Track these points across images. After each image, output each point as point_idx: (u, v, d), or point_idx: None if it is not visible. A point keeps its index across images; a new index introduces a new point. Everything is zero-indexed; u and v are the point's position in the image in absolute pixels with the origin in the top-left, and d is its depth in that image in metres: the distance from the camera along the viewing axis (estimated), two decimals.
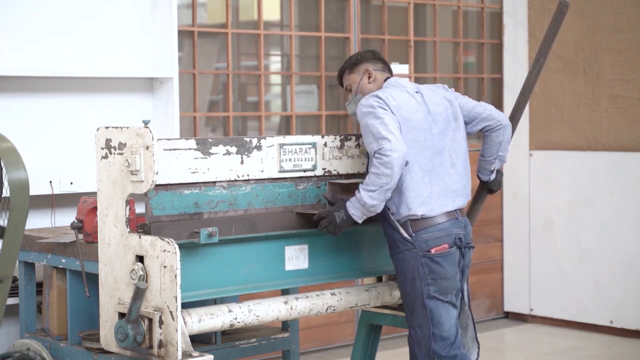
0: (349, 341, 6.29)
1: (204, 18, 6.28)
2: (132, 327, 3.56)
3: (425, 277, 4.02)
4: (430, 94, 4.17)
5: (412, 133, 4.03)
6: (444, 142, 4.13)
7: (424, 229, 4.03)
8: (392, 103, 4.01)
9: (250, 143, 3.96)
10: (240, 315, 3.90)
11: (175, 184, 3.76)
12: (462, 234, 4.12)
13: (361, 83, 4.23)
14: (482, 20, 7.27)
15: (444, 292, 4.05)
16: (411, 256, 4.03)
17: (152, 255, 3.57)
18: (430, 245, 4.02)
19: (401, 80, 4.21)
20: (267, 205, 4.04)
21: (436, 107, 4.14)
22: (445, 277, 4.04)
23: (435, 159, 4.08)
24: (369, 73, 4.22)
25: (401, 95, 4.08)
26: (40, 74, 5.00)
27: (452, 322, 4.09)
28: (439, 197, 4.07)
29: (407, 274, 4.05)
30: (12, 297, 4.75)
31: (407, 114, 4.03)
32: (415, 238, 4.02)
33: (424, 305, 4.04)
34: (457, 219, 4.11)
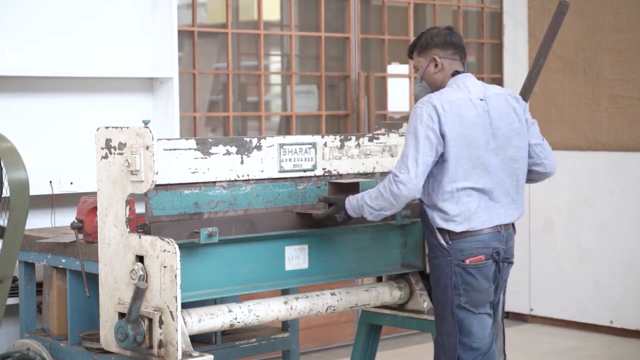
0: (349, 341, 6.29)
1: (204, 18, 6.28)
2: (132, 327, 3.56)
3: (457, 286, 3.91)
4: (497, 103, 3.97)
5: (465, 149, 3.87)
6: (500, 157, 3.95)
7: (461, 238, 3.90)
8: (448, 118, 3.84)
9: (250, 143, 3.96)
10: (240, 315, 3.90)
11: (175, 184, 3.76)
12: (502, 248, 3.96)
13: (427, 70, 4.04)
14: (482, 20, 7.27)
15: (475, 304, 3.94)
16: (445, 264, 3.92)
17: (152, 255, 3.57)
18: (465, 255, 3.90)
19: (469, 82, 3.98)
20: (267, 205, 4.03)
21: (500, 120, 3.96)
22: (477, 289, 3.92)
23: (487, 176, 3.92)
24: (436, 62, 4.01)
25: (462, 105, 3.89)
26: (40, 74, 5.00)
27: (485, 333, 3.97)
28: (484, 212, 3.92)
29: (439, 281, 3.96)
30: (12, 297, 4.75)
31: (462, 129, 3.86)
32: (452, 246, 3.90)
33: (453, 315, 3.94)
34: (499, 233, 3.96)
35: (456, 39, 4.05)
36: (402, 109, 6.85)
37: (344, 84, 6.57)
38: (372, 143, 4.32)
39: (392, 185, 3.82)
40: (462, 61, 4.06)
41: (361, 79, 6.49)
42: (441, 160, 3.88)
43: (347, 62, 6.55)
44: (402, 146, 4.36)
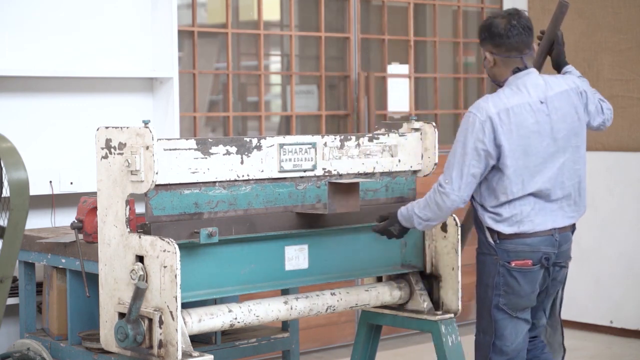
0: (349, 341, 6.29)
1: (204, 18, 6.28)
2: (132, 327, 3.56)
3: (498, 287, 3.88)
4: (558, 105, 3.87)
5: (523, 159, 3.80)
6: (560, 160, 3.88)
7: (509, 239, 3.85)
8: (504, 128, 3.75)
9: (250, 143, 3.96)
10: (240, 315, 3.90)
11: (175, 184, 3.76)
12: (553, 252, 3.89)
13: (485, 62, 3.93)
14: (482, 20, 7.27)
15: (513, 307, 3.89)
16: (491, 262, 3.89)
17: (152, 255, 3.57)
18: (512, 257, 3.84)
19: (529, 82, 3.84)
20: (267, 205, 4.03)
21: (561, 122, 3.87)
22: (518, 293, 3.87)
23: (544, 180, 3.85)
24: (489, 59, 3.89)
25: (520, 113, 3.79)
26: (40, 74, 5.00)
27: (518, 339, 3.94)
28: (538, 216, 3.86)
29: (482, 278, 3.94)
30: (12, 297, 4.75)
31: (520, 139, 3.78)
32: (499, 245, 3.87)
33: (490, 314, 3.91)
34: (552, 236, 3.88)
35: (512, 36, 3.82)
36: (402, 109, 6.85)
37: (344, 84, 6.57)
38: (372, 143, 4.32)
39: (436, 196, 3.82)
40: (521, 56, 3.85)
41: (361, 79, 6.49)
42: (496, 170, 3.81)
43: (347, 62, 6.55)
44: (402, 146, 4.37)
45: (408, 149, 4.41)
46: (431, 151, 4.44)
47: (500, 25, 3.83)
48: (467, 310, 7.13)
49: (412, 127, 4.46)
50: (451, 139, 7.12)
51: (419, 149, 4.45)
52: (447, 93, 7.21)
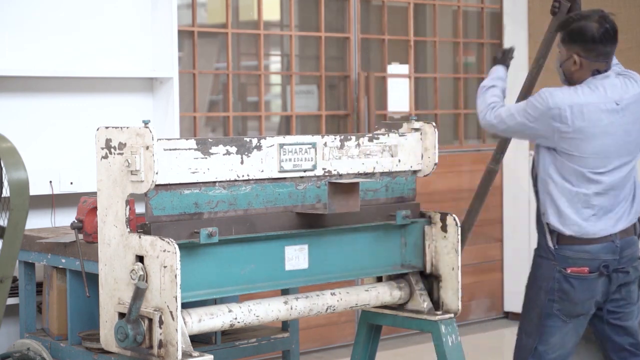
0: (349, 341, 6.29)
1: (204, 18, 6.28)
2: (132, 327, 3.56)
3: (552, 292, 3.86)
4: (634, 109, 3.87)
5: (592, 159, 3.81)
6: (627, 162, 3.88)
7: (568, 245, 3.84)
8: (577, 124, 3.77)
9: (250, 143, 3.96)
10: (240, 315, 3.90)
11: (175, 184, 3.76)
12: (614, 259, 3.86)
13: (566, 64, 3.92)
14: (482, 20, 7.27)
15: (567, 313, 3.87)
16: (547, 266, 3.88)
17: (152, 255, 3.57)
18: (569, 264, 3.83)
19: (607, 83, 3.85)
20: (267, 206, 4.03)
21: (632, 125, 3.87)
22: (572, 300, 3.85)
23: (608, 181, 3.85)
24: (575, 60, 3.88)
25: (594, 111, 3.80)
26: (40, 74, 5.00)
27: (562, 349, 3.91)
28: (600, 221, 3.85)
29: (536, 280, 3.91)
30: (12, 297, 4.75)
31: (593, 141, 3.80)
32: (558, 250, 3.86)
33: (540, 318, 3.89)
34: (613, 243, 3.86)
35: (605, 41, 3.83)
36: (402, 109, 6.85)
37: (344, 84, 6.57)
38: (372, 143, 4.32)
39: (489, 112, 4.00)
40: (606, 60, 3.87)
41: (361, 79, 6.49)
42: (564, 160, 3.85)
43: (347, 62, 6.55)
44: (402, 146, 4.38)
45: (408, 149, 4.40)
46: (431, 151, 4.44)
47: (593, 30, 3.82)
48: (467, 310, 7.13)
49: (412, 127, 4.46)
50: (451, 139, 7.15)
51: (419, 149, 4.45)
52: (447, 93, 7.21)
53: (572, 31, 3.88)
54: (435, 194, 6.82)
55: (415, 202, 4.46)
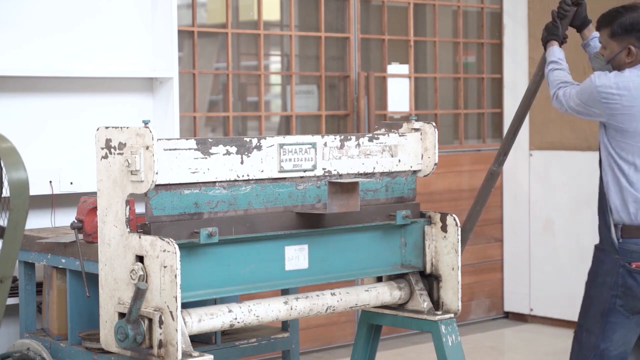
0: (349, 341, 6.29)
1: (204, 18, 6.28)
2: (132, 327, 3.56)
3: (616, 287, 3.83)
4: None
5: None
6: None
7: (633, 238, 3.82)
8: (624, 102, 3.80)
9: (250, 143, 3.96)
10: (240, 315, 3.90)
11: (175, 184, 3.76)
12: None
13: (618, 57, 3.92)
14: (482, 20, 7.27)
15: (631, 310, 3.83)
16: (610, 260, 3.86)
17: (152, 255, 3.57)
18: (634, 258, 3.80)
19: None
20: (267, 206, 4.03)
21: None
22: (637, 296, 3.81)
23: None
24: (630, 51, 3.89)
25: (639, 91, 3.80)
26: (40, 73, 5.00)
27: (624, 346, 3.86)
28: None
29: (598, 276, 3.88)
30: (12, 297, 4.75)
31: (637, 120, 3.80)
32: (622, 244, 3.84)
33: (603, 314, 3.85)
34: None
35: None
36: (402, 108, 6.85)
37: (344, 84, 6.57)
38: (372, 143, 4.32)
39: (562, 94, 3.97)
40: None
41: (361, 79, 6.49)
42: (620, 139, 3.87)
43: (347, 62, 6.55)
44: (402, 146, 4.37)
45: (408, 149, 4.41)
46: (431, 151, 4.44)
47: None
48: (467, 310, 7.14)
49: (412, 127, 4.46)
50: (451, 139, 7.15)
51: (419, 149, 4.45)
52: (447, 93, 7.21)
53: (626, 24, 3.90)
54: (435, 194, 6.82)
55: (415, 202, 4.46)
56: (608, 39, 3.95)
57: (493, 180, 4.73)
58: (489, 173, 4.77)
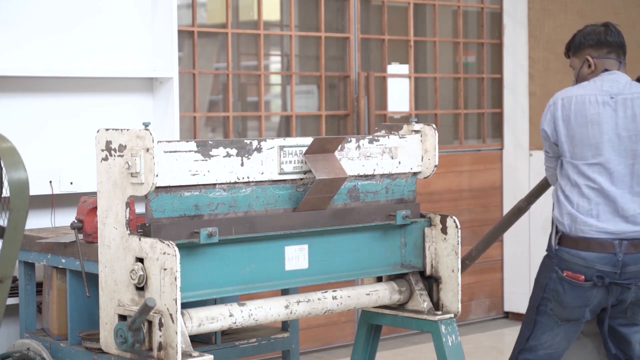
0: (349, 341, 6.29)
1: (204, 18, 6.28)
2: (132, 334, 3.55)
3: (548, 290, 3.90)
4: (631, 104, 3.88)
5: (579, 149, 3.86)
6: (629, 162, 3.86)
7: (567, 248, 3.86)
8: (561, 121, 3.86)
9: (250, 145, 3.96)
10: (241, 320, 3.91)
11: (175, 186, 3.76)
12: (613, 272, 3.81)
13: (581, 71, 4.01)
14: (482, 20, 7.27)
15: (558, 315, 3.91)
16: (549, 264, 3.93)
17: (152, 257, 3.57)
18: (565, 267, 3.86)
19: (607, 78, 3.92)
20: (267, 208, 4.03)
21: (630, 122, 3.88)
22: (562, 304, 3.88)
23: (603, 179, 3.85)
24: (589, 62, 3.98)
25: (582, 102, 3.86)
26: (39, 73, 5.00)
27: (553, 348, 3.94)
28: (596, 219, 3.84)
29: (540, 276, 3.97)
30: (12, 297, 4.75)
31: (580, 129, 3.84)
32: (558, 251, 3.89)
33: (535, 312, 3.93)
34: (614, 255, 3.80)
35: (612, 37, 3.96)
36: (402, 108, 6.85)
37: (344, 84, 6.57)
38: (372, 145, 4.32)
39: None
40: (618, 59, 3.97)
41: (361, 79, 6.49)
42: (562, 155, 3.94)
43: (347, 62, 6.55)
44: (402, 148, 4.38)
45: (408, 151, 4.41)
46: (431, 153, 4.44)
47: (597, 29, 4.01)
48: (467, 310, 7.14)
49: (412, 129, 4.46)
50: (451, 139, 7.15)
51: (419, 150, 4.45)
52: (447, 93, 7.21)
53: (579, 39, 4.02)
54: (434, 194, 6.82)
55: (415, 203, 4.46)
56: (572, 58, 4.08)
57: (518, 216, 4.75)
58: (516, 208, 4.75)
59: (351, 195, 4.29)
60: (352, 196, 4.29)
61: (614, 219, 3.84)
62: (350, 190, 4.29)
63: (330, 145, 4.14)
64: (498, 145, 7.25)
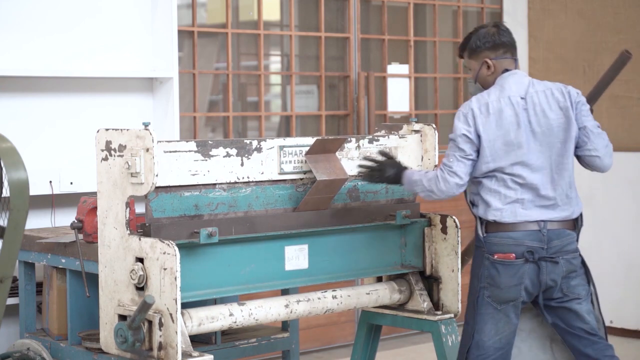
0: (349, 341, 6.29)
1: (204, 18, 6.28)
2: (132, 333, 3.55)
3: (483, 279, 3.97)
4: (538, 101, 4.00)
5: (503, 150, 3.94)
6: (546, 154, 3.98)
7: (494, 232, 3.96)
8: (483, 121, 3.93)
9: (250, 145, 3.96)
10: (241, 319, 3.91)
11: (175, 186, 3.76)
12: (540, 247, 3.95)
13: (480, 73, 4.10)
14: (482, 20, 7.27)
15: (496, 300, 3.97)
16: (479, 254, 4.01)
17: (152, 257, 3.57)
18: (496, 250, 3.94)
19: (512, 80, 4.03)
20: (267, 208, 4.03)
21: (541, 117, 3.99)
22: (498, 286, 3.95)
23: (527, 173, 3.95)
24: (488, 64, 4.07)
25: (498, 106, 3.96)
26: (40, 73, 5.00)
27: (499, 335, 4.00)
28: (522, 206, 3.95)
29: (473, 269, 4.04)
30: (12, 297, 4.75)
31: (500, 130, 3.93)
32: (486, 238, 3.97)
33: (475, 306, 4.00)
34: (539, 231, 3.95)
35: (505, 37, 4.09)
36: (402, 109, 6.85)
37: (344, 84, 6.57)
38: (372, 145, 4.32)
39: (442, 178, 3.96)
40: (513, 57, 4.10)
41: (361, 79, 6.49)
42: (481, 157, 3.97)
43: (347, 62, 6.55)
44: (402, 148, 4.38)
45: (408, 151, 4.41)
46: (431, 153, 4.44)
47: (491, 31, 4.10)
48: None
49: (412, 129, 4.47)
50: None
51: (419, 150, 4.45)
52: (447, 93, 7.21)
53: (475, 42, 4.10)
54: None
55: (415, 203, 4.47)
56: (468, 60, 4.15)
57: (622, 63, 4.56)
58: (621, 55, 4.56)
59: (351, 195, 4.29)
60: (352, 196, 4.30)
61: (538, 208, 3.97)
62: (351, 190, 4.29)
63: (332, 146, 4.14)
64: None
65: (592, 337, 4.07)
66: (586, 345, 4.08)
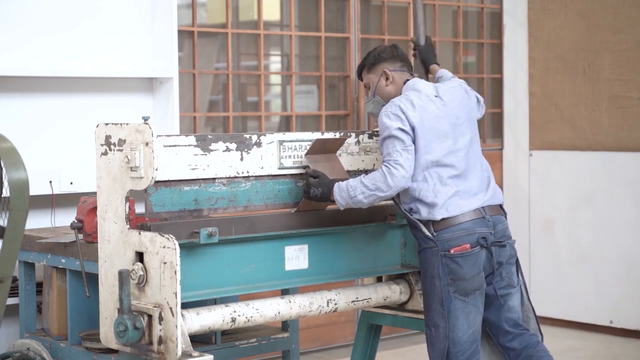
0: (349, 341, 6.28)
1: (203, 18, 6.28)
2: (128, 316, 3.54)
3: (445, 276, 3.97)
4: (452, 96, 4.14)
5: (436, 142, 4.01)
6: (467, 144, 4.09)
7: (445, 228, 3.98)
8: (413, 114, 3.99)
9: (250, 140, 3.96)
10: (240, 319, 3.90)
11: (175, 180, 3.76)
12: (489, 232, 4.04)
13: (379, 85, 4.22)
14: (482, 20, 7.27)
15: (463, 292, 3.99)
16: (432, 254, 3.99)
17: (151, 251, 3.57)
18: (451, 245, 3.97)
19: (420, 84, 4.15)
20: (267, 202, 4.03)
21: (458, 109, 4.12)
22: (463, 278, 3.97)
23: (458, 162, 4.04)
24: (387, 75, 4.20)
25: (422, 104, 4.04)
26: (40, 73, 5.00)
27: (471, 329, 4.03)
28: (461, 198, 4.02)
29: (427, 272, 4.02)
30: (12, 297, 4.75)
31: (429, 123, 4.01)
32: (437, 237, 3.98)
33: (442, 304, 3.99)
34: (484, 218, 4.04)
35: (401, 53, 4.28)
36: None
37: (344, 84, 6.58)
38: (371, 140, 4.33)
39: (389, 174, 3.94)
40: (410, 72, 4.26)
41: None
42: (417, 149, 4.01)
43: (347, 62, 6.55)
44: None
45: None
46: None
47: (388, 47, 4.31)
48: None
49: None
50: None
51: None
52: None
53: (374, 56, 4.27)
54: None
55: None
56: (367, 76, 4.27)
57: None
58: None
59: None
60: None
61: (473, 196, 4.05)
62: None
63: (332, 146, 4.15)
64: (498, 145, 7.25)
65: (517, 328, 4.18)
66: (512, 338, 4.18)
